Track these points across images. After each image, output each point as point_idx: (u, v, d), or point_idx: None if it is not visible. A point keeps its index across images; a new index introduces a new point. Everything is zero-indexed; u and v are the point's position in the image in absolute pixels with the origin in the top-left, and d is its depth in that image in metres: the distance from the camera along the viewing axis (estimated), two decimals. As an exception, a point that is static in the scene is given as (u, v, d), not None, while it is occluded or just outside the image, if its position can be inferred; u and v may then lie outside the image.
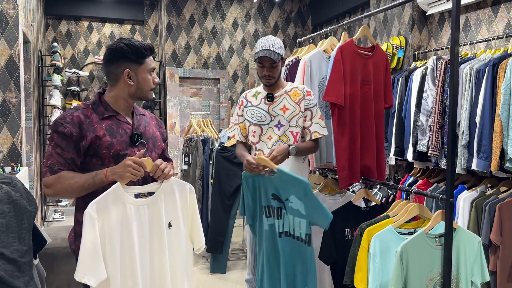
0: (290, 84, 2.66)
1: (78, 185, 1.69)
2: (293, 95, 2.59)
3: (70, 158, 1.73)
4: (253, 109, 2.65)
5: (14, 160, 3.45)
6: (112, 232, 1.65)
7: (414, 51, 3.90)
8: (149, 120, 2.00)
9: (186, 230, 1.86)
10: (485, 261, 1.98)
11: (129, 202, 1.70)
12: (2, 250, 1.47)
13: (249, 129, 2.66)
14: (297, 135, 2.58)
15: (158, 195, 1.77)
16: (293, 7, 6.55)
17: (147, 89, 1.87)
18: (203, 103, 6.25)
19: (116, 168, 1.69)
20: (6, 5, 3.41)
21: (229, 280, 3.98)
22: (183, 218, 1.84)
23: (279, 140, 2.57)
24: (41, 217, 5.14)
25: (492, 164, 2.64)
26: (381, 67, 2.53)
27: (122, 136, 1.81)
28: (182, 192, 1.85)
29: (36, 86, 5.01)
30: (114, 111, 1.84)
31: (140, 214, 1.73)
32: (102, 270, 1.60)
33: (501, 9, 3.22)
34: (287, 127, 2.57)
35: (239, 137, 2.73)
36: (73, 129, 1.72)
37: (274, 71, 2.55)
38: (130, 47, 1.78)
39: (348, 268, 2.10)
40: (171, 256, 1.80)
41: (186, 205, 1.85)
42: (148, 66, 1.85)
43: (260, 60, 2.54)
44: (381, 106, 2.55)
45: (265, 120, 2.60)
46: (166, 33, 6.00)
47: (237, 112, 2.75)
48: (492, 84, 2.69)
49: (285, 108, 2.58)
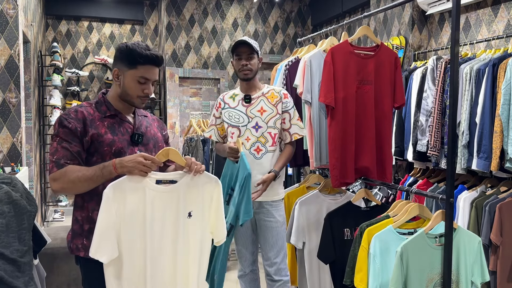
0: (267, 86, 2.72)
1: (86, 178, 1.67)
2: (270, 97, 2.65)
3: (77, 151, 1.73)
4: (231, 111, 2.69)
5: (14, 160, 3.45)
6: (129, 215, 1.66)
7: (414, 51, 3.90)
8: (151, 121, 2.00)
9: (207, 222, 1.82)
10: (485, 261, 1.98)
11: (149, 188, 1.68)
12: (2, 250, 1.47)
13: (228, 130, 2.70)
14: (275, 136, 2.64)
15: (180, 185, 1.75)
16: (293, 7, 6.55)
17: (133, 95, 1.81)
18: (203, 103, 6.25)
19: (125, 161, 1.65)
20: (6, 5, 3.41)
21: (229, 280, 3.97)
22: (205, 210, 1.81)
23: (257, 142, 2.62)
24: (41, 217, 5.14)
25: (492, 164, 2.64)
26: (387, 66, 2.50)
27: (124, 134, 1.82)
28: (208, 185, 1.81)
29: (36, 86, 5.01)
30: (116, 110, 1.85)
31: (161, 201, 1.71)
32: (114, 249, 1.63)
33: (501, 9, 3.22)
34: (265, 129, 2.62)
35: (216, 137, 2.80)
36: (77, 124, 1.73)
37: (252, 63, 2.60)
38: (127, 48, 1.78)
39: (348, 268, 2.10)
40: (186, 245, 1.76)
41: (210, 197, 1.82)
42: (138, 74, 1.77)
43: (237, 52, 2.61)
44: (386, 106, 2.52)
45: (243, 121, 2.64)
46: (166, 33, 5.99)
47: (214, 114, 2.79)
48: (492, 84, 2.69)
49: (263, 110, 2.63)
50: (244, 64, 2.60)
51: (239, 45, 2.61)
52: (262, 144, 2.63)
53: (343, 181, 2.51)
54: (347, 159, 2.48)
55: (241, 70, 2.62)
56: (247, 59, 2.60)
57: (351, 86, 2.46)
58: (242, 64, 2.60)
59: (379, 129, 2.53)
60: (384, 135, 2.55)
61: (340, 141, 2.44)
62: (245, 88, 2.70)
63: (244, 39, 2.59)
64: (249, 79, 2.64)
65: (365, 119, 2.51)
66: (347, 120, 2.48)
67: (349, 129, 2.47)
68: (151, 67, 1.79)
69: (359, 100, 2.49)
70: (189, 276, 1.77)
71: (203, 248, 1.82)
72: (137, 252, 1.68)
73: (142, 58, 1.76)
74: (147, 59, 1.77)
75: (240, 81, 2.73)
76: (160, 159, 1.72)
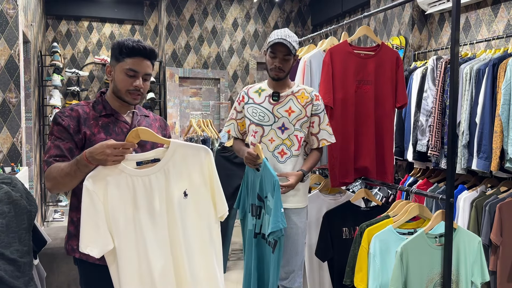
0: (297, 85, 2.48)
1: (65, 173, 1.62)
2: (300, 97, 2.41)
3: (68, 148, 1.70)
4: (255, 107, 2.45)
5: (14, 160, 3.45)
6: (113, 204, 1.56)
7: (414, 51, 3.90)
8: (152, 121, 1.96)
9: (206, 197, 1.68)
10: (485, 261, 1.98)
11: (129, 174, 1.58)
12: (2, 251, 1.47)
13: (249, 128, 2.47)
14: (301, 140, 2.42)
15: (165, 162, 1.62)
16: (293, 7, 6.55)
17: (122, 89, 1.76)
18: (203, 103, 6.25)
19: (95, 154, 1.56)
20: (6, 5, 3.41)
21: (229, 280, 3.97)
22: (201, 184, 1.67)
23: (282, 144, 2.40)
24: (41, 217, 5.14)
25: (492, 164, 2.64)
26: (388, 65, 2.50)
27: (118, 134, 1.79)
28: (197, 156, 1.67)
29: (36, 86, 5.01)
30: (113, 110, 1.83)
31: (145, 185, 1.59)
32: (106, 241, 1.54)
33: (501, 9, 3.22)
34: (292, 131, 2.40)
35: (234, 133, 2.57)
36: (70, 122, 1.72)
37: (286, 64, 2.36)
38: (117, 43, 1.78)
39: (348, 268, 2.10)
40: (189, 230, 1.64)
41: (202, 168, 1.68)
42: (125, 66, 1.74)
43: (273, 49, 2.34)
44: (387, 106, 2.52)
45: (268, 120, 2.42)
46: (166, 33, 5.99)
47: (236, 107, 2.55)
48: (492, 84, 2.69)
49: (291, 110, 2.40)
50: (277, 66, 2.35)
51: (277, 44, 2.33)
52: (287, 147, 2.40)
53: (342, 181, 2.51)
54: (346, 159, 2.49)
55: (272, 70, 2.38)
56: (281, 61, 2.35)
57: (350, 86, 2.47)
58: (275, 65, 2.36)
59: (379, 129, 2.53)
60: (385, 135, 2.54)
61: (339, 141, 2.45)
62: (274, 84, 2.45)
63: (284, 39, 2.30)
64: (280, 79, 2.41)
65: (365, 119, 2.51)
66: (346, 120, 2.48)
67: (348, 129, 2.48)
68: (139, 59, 1.76)
69: (358, 100, 2.49)
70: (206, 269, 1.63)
71: (212, 231, 1.67)
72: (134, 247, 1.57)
73: (128, 49, 1.74)
74: (133, 50, 1.74)
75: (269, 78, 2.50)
76: (131, 141, 1.60)
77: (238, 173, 4.02)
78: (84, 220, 1.53)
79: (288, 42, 2.29)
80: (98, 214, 1.54)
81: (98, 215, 1.54)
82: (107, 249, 1.54)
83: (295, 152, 2.40)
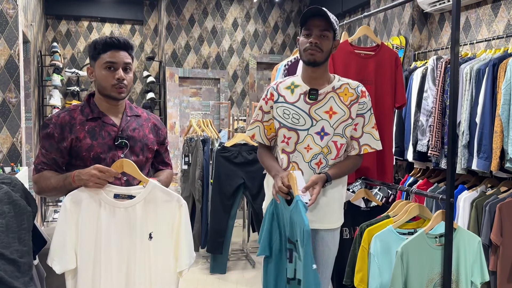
0: (338, 79, 2.04)
1: (52, 186, 1.72)
2: (343, 94, 1.98)
3: (52, 158, 1.77)
4: (288, 107, 1.99)
5: (14, 160, 3.45)
6: (84, 227, 1.62)
7: (414, 51, 3.90)
8: (144, 121, 1.92)
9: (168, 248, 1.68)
10: (485, 261, 1.98)
11: (104, 202, 1.63)
12: (2, 251, 1.47)
13: (279, 132, 2.01)
14: (341, 147, 2.01)
15: (137, 200, 1.66)
16: (293, 7, 6.55)
17: (106, 85, 1.76)
18: (203, 103, 6.25)
19: (82, 174, 1.63)
20: (6, 5, 3.41)
21: (229, 281, 3.97)
22: (166, 232, 1.67)
23: (320, 153, 1.97)
24: (41, 217, 5.14)
25: (492, 164, 2.64)
26: (387, 65, 2.50)
27: (105, 138, 1.79)
28: (168, 204, 1.68)
29: (36, 86, 5.01)
30: (101, 112, 1.82)
31: (116, 216, 1.64)
32: (69, 260, 1.61)
33: (501, 9, 3.22)
34: (331, 136, 1.97)
35: (260, 138, 2.11)
36: (55, 129, 1.75)
37: (324, 42, 1.89)
38: (92, 43, 1.81)
39: (348, 268, 2.10)
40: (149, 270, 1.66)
41: (172, 219, 1.68)
42: (103, 61, 1.75)
43: (307, 26, 1.89)
44: (387, 106, 2.52)
45: (303, 124, 1.97)
46: (166, 33, 5.99)
47: (262, 107, 2.07)
48: (492, 84, 2.69)
49: (332, 111, 1.96)
50: (313, 42, 1.87)
51: (310, 17, 1.87)
52: (324, 156, 1.98)
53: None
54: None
55: (306, 49, 1.89)
56: (318, 37, 1.87)
57: None
58: (310, 42, 1.87)
59: (379, 129, 2.53)
60: (384, 135, 2.55)
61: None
62: (310, 77, 1.99)
63: (319, 8, 1.86)
64: (316, 63, 1.91)
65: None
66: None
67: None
68: (114, 51, 1.77)
69: (359, 100, 2.48)
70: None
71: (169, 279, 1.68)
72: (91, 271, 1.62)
73: (101, 45, 1.78)
74: (106, 44, 1.77)
75: (304, 66, 2.01)
76: (116, 169, 1.66)
77: (238, 173, 4.02)
78: (56, 235, 1.62)
79: (325, 13, 1.87)
80: (68, 232, 1.61)
81: (67, 233, 1.61)
82: (69, 268, 1.63)
83: (332, 161, 2.01)
